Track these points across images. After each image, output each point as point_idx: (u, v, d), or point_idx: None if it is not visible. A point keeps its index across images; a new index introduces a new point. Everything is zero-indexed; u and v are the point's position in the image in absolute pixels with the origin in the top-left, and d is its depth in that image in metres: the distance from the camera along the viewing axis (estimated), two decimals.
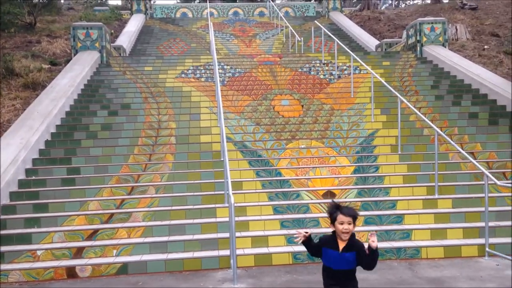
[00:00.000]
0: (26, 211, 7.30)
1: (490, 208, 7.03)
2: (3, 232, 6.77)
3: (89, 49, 13.84)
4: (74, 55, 13.72)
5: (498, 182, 6.18)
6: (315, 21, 17.76)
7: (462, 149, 9.09)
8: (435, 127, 7.81)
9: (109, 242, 6.60)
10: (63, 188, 7.90)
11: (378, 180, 8.19)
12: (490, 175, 6.30)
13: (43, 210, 7.34)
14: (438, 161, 8.18)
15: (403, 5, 49.66)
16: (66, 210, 7.37)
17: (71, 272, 6.06)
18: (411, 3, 54.38)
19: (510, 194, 7.44)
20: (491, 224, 6.77)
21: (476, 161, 8.33)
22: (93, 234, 6.78)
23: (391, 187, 7.90)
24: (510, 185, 6.15)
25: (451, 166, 8.54)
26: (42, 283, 5.93)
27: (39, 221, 7.03)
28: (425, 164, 8.52)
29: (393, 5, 36.71)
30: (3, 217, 7.08)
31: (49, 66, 13.31)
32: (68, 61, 13.50)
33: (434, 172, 7.77)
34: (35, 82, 11.52)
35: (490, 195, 7.33)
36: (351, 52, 12.26)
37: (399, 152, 8.97)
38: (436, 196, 7.58)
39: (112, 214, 7.20)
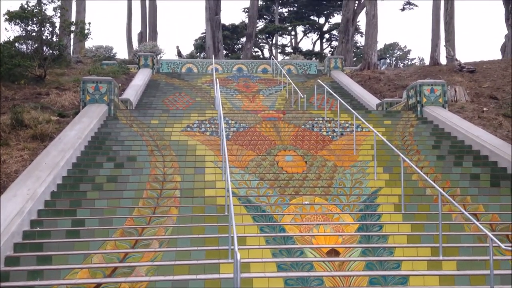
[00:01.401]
0: (30, 263, 7.27)
1: (495, 271, 7.02)
2: (5, 284, 6.72)
3: (97, 102, 14.17)
4: (83, 107, 14.04)
5: (502, 245, 6.22)
6: (317, 79, 18.23)
7: (465, 210, 9.16)
8: (437, 187, 7.92)
9: None
10: (67, 240, 7.90)
11: (382, 239, 8.20)
12: (493, 238, 6.34)
13: (46, 262, 7.31)
14: (442, 222, 8.24)
15: (401, 65, 51.11)
16: (69, 262, 7.34)
17: None
18: (409, 63, 56.00)
19: None
20: (496, 287, 6.73)
21: (479, 223, 8.38)
22: None
23: (395, 247, 7.91)
24: None
25: (454, 227, 8.57)
26: None
27: (42, 274, 7.00)
28: (429, 224, 8.56)
29: (392, 66, 37.76)
30: (6, 268, 7.05)
31: (58, 118, 13.58)
32: (76, 114, 13.79)
33: (438, 233, 7.80)
34: (43, 134, 11.74)
35: (494, 258, 7.32)
36: (353, 111, 12.57)
37: (403, 211, 9.02)
38: (441, 258, 7.57)
39: (116, 268, 7.16)
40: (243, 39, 43.61)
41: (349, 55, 33.78)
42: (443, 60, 27.09)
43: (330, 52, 47.38)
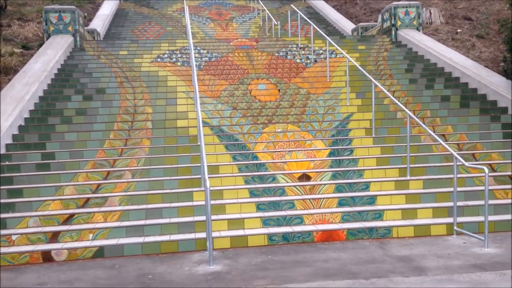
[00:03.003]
0: (1, 197, 7.23)
1: (459, 189, 7.30)
2: None
3: (62, 33, 13.58)
4: (47, 39, 13.45)
5: (466, 163, 6.38)
6: (292, 5, 17.71)
7: (434, 131, 9.35)
8: (407, 110, 7.99)
9: (85, 226, 6.62)
10: (38, 173, 7.84)
11: (352, 163, 8.35)
12: (458, 157, 6.50)
13: (17, 196, 7.30)
14: (411, 144, 8.41)
15: None
16: (41, 195, 7.34)
17: (47, 256, 6.07)
18: None
19: (478, 174, 7.69)
20: (459, 203, 7.01)
21: (447, 143, 8.58)
22: (69, 219, 6.78)
23: (364, 170, 8.08)
24: (477, 166, 6.34)
25: (423, 148, 8.75)
26: (17, 267, 5.92)
27: (13, 206, 6.99)
28: (398, 146, 8.72)
29: None
30: None
31: (21, 50, 13.05)
32: (40, 45, 13.24)
33: (406, 154, 7.96)
34: (7, 67, 11.31)
35: (459, 175, 7.60)
36: (326, 37, 12.34)
37: (373, 135, 9.14)
38: (408, 178, 7.79)
39: (88, 199, 7.19)
40: None
41: None
42: None
43: None
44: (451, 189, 7.29)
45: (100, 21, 18.87)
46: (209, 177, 7.57)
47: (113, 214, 6.88)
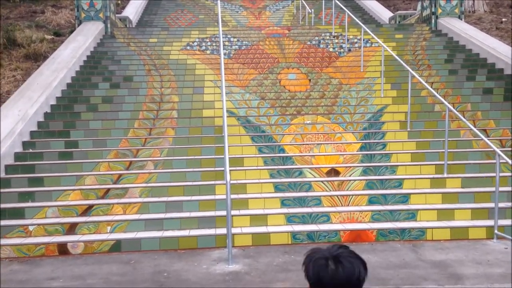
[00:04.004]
0: (21, 185, 7.14)
1: (501, 188, 6.69)
2: None
3: (93, 20, 13.48)
4: (78, 25, 13.38)
5: (510, 161, 5.84)
6: None
7: (475, 126, 8.73)
8: (446, 102, 7.45)
9: (103, 218, 6.43)
10: (60, 162, 7.72)
11: (384, 158, 7.88)
12: (501, 154, 5.98)
13: (38, 184, 7.18)
14: (449, 139, 7.84)
15: None
16: (61, 184, 7.20)
17: (62, 249, 5.91)
18: None
19: None
20: (501, 205, 6.44)
21: (489, 139, 7.95)
22: (87, 210, 6.61)
23: (398, 165, 7.59)
24: None
25: (462, 144, 8.18)
26: (32, 259, 5.79)
27: (33, 196, 6.88)
28: (435, 141, 8.18)
29: None
30: None
31: (52, 37, 13.05)
32: (72, 32, 13.18)
33: (443, 150, 7.43)
34: (36, 53, 11.29)
35: (501, 174, 6.96)
36: (362, 24, 11.78)
37: (408, 129, 8.61)
38: (445, 175, 7.27)
39: (108, 190, 7.01)
40: None
41: None
42: None
43: None
44: (493, 188, 6.69)
45: (133, 9, 18.79)
46: (232, 170, 7.33)
47: (133, 206, 6.67)
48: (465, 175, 7.34)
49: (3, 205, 6.62)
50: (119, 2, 20.04)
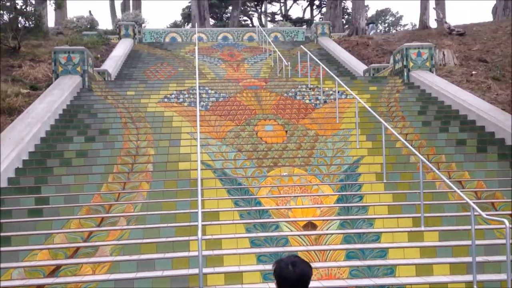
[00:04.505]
0: None
1: (478, 242, 6.70)
2: None
3: (70, 74, 13.52)
4: (55, 79, 13.40)
5: (484, 214, 5.86)
6: (301, 46, 17.60)
7: (450, 177, 8.81)
8: (419, 154, 7.52)
9: (71, 279, 6.16)
10: (29, 219, 7.47)
11: (362, 211, 7.82)
12: (475, 207, 5.98)
13: (5, 244, 6.88)
14: (425, 191, 7.88)
15: (393, 31, 50.17)
16: (29, 243, 6.92)
17: None
18: (401, 28, 55.00)
19: (498, 226, 7.09)
20: (479, 259, 6.40)
21: (463, 191, 8.02)
22: (55, 270, 6.33)
23: (375, 218, 7.54)
24: (496, 218, 5.78)
25: (438, 196, 8.19)
26: None
27: None
28: (411, 193, 8.17)
29: (382, 31, 36.94)
30: None
31: (29, 91, 12.98)
32: (49, 86, 13.17)
33: (420, 202, 7.41)
34: (11, 107, 11.19)
35: (478, 227, 7.02)
36: (335, 77, 12.05)
37: (384, 181, 8.62)
38: (422, 228, 7.23)
39: (78, 248, 6.76)
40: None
41: (338, 21, 32.88)
42: (433, 24, 26.42)
43: (320, 19, 46.31)
44: (470, 242, 6.68)
45: (113, 62, 18.96)
46: (208, 225, 7.20)
47: (103, 265, 6.42)
48: (442, 228, 7.30)
49: None
50: (99, 56, 20.24)
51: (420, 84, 13.75)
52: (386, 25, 59.97)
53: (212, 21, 45.04)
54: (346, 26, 41.38)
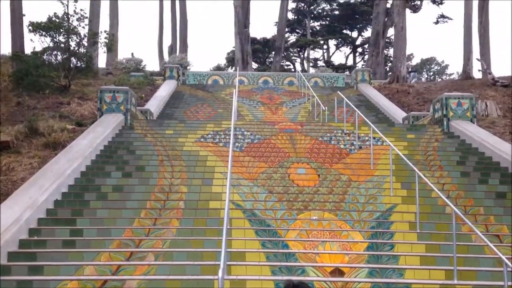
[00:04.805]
0: (21, 273, 7.06)
1: None
2: None
3: (114, 112, 14.10)
4: (99, 117, 14.00)
5: None
6: (338, 92, 17.70)
7: (487, 230, 8.53)
8: (450, 204, 7.36)
9: None
10: (62, 250, 7.68)
11: (392, 260, 7.62)
12: (508, 262, 5.74)
13: (38, 273, 7.08)
14: (460, 243, 7.66)
15: (439, 80, 49.76)
16: (61, 273, 7.08)
17: None
18: (447, 77, 54.50)
19: None
20: None
21: (501, 245, 7.74)
22: None
23: (406, 268, 7.32)
24: None
25: (473, 249, 7.90)
26: None
27: (31, 284, 6.77)
28: (445, 245, 7.92)
29: (426, 80, 36.71)
30: None
31: (74, 127, 13.60)
32: (93, 123, 13.77)
33: (453, 255, 7.17)
34: (56, 142, 11.73)
35: (510, 283, 6.69)
36: (369, 122, 12.04)
37: (418, 230, 8.41)
38: (455, 282, 6.95)
39: (106, 281, 6.86)
40: None
41: (379, 68, 33.09)
42: (477, 74, 26.08)
43: (363, 66, 46.64)
44: None
45: (156, 101, 19.68)
46: (233, 265, 7.20)
47: None
48: (476, 282, 7.01)
49: None
50: (143, 96, 21.07)
51: (460, 134, 13.51)
52: (431, 73, 59.54)
53: (255, 65, 46.20)
54: (389, 73, 41.55)
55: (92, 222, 8.58)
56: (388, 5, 33.95)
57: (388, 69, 41.28)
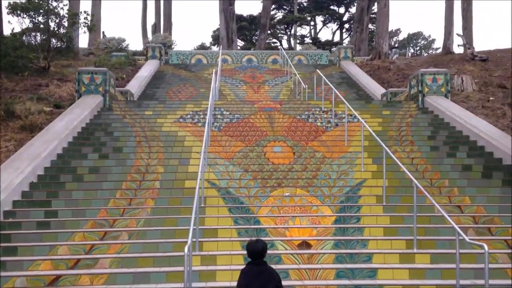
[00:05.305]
0: None
1: (468, 265, 6.74)
2: None
3: (92, 93, 14.15)
4: (78, 98, 14.05)
5: (467, 238, 5.90)
6: (317, 70, 17.82)
7: (450, 202, 8.84)
8: (412, 177, 7.61)
9: None
10: (37, 231, 7.88)
11: (357, 232, 7.93)
12: (460, 231, 6.03)
13: (12, 254, 7.29)
14: (423, 214, 7.99)
15: (425, 55, 49.83)
16: (34, 254, 7.31)
17: None
18: (433, 52, 54.54)
19: (493, 251, 7.08)
20: (467, 282, 6.42)
21: (462, 215, 8.07)
22: (55, 280, 6.67)
23: (369, 240, 7.63)
24: (477, 242, 5.82)
25: (435, 220, 8.20)
26: None
27: (5, 265, 6.96)
28: (409, 216, 8.21)
29: (414, 55, 36.78)
30: None
31: (52, 109, 13.63)
32: (71, 104, 13.82)
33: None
34: (32, 125, 11.79)
35: (471, 251, 7.03)
36: (344, 101, 12.23)
37: (384, 203, 8.70)
38: (415, 251, 7.27)
39: (79, 260, 7.09)
40: None
41: (363, 44, 33.07)
42: (458, 50, 26.26)
43: (349, 42, 46.52)
44: (461, 265, 6.69)
45: (137, 82, 19.65)
46: (205, 241, 7.46)
47: (100, 277, 6.72)
48: (434, 251, 7.34)
49: None
50: (124, 76, 21.02)
51: (434, 109, 13.77)
52: (418, 48, 59.58)
53: (241, 43, 45.95)
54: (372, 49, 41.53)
55: (67, 204, 8.76)
56: None
57: (372, 45, 41.28)
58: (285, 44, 51.14)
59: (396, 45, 35.08)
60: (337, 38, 52.01)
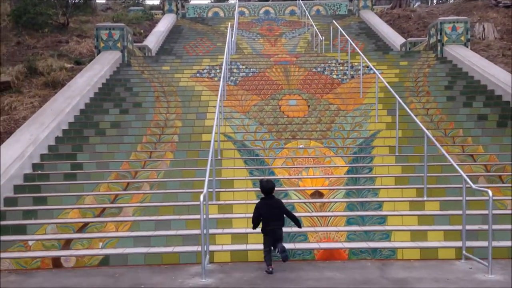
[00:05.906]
0: (26, 204, 7.77)
1: (477, 211, 6.96)
2: (2, 223, 7.24)
3: (111, 49, 14.35)
4: (97, 54, 14.29)
5: (473, 185, 6.09)
6: (334, 21, 17.59)
7: (463, 151, 8.96)
8: (424, 128, 7.77)
9: (96, 235, 6.96)
10: (64, 182, 8.34)
11: (369, 181, 8.17)
12: (467, 178, 6.22)
13: (42, 203, 7.79)
14: (434, 163, 8.16)
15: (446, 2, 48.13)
16: (63, 203, 7.79)
17: (56, 262, 6.44)
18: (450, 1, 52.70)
19: (501, 197, 7.27)
20: (474, 227, 6.67)
21: (474, 164, 8.22)
22: (83, 227, 7.16)
23: (380, 188, 7.88)
24: (482, 188, 6.01)
25: (447, 169, 8.35)
26: (28, 271, 6.34)
27: (36, 214, 7.48)
28: (420, 166, 8.39)
29: (429, 3, 35.62)
30: (4, 208, 7.58)
31: (72, 65, 13.94)
32: (91, 61, 14.08)
33: (427, 174, 7.66)
34: (55, 81, 12.14)
35: (480, 198, 7.24)
36: (360, 52, 12.18)
37: (396, 153, 8.88)
38: (425, 198, 7.50)
39: (104, 209, 7.56)
40: None
41: None
42: None
43: None
44: (470, 211, 6.92)
45: (154, 38, 19.72)
46: (222, 191, 7.82)
47: (125, 224, 7.18)
48: (443, 198, 7.55)
49: (8, 222, 7.25)
50: (142, 31, 21.10)
51: (452, 58, 13.61)
52: None
53: None
54: None
55: (91, 157, 9.19)
56: None
57: None
58: None
59: None
60: None
